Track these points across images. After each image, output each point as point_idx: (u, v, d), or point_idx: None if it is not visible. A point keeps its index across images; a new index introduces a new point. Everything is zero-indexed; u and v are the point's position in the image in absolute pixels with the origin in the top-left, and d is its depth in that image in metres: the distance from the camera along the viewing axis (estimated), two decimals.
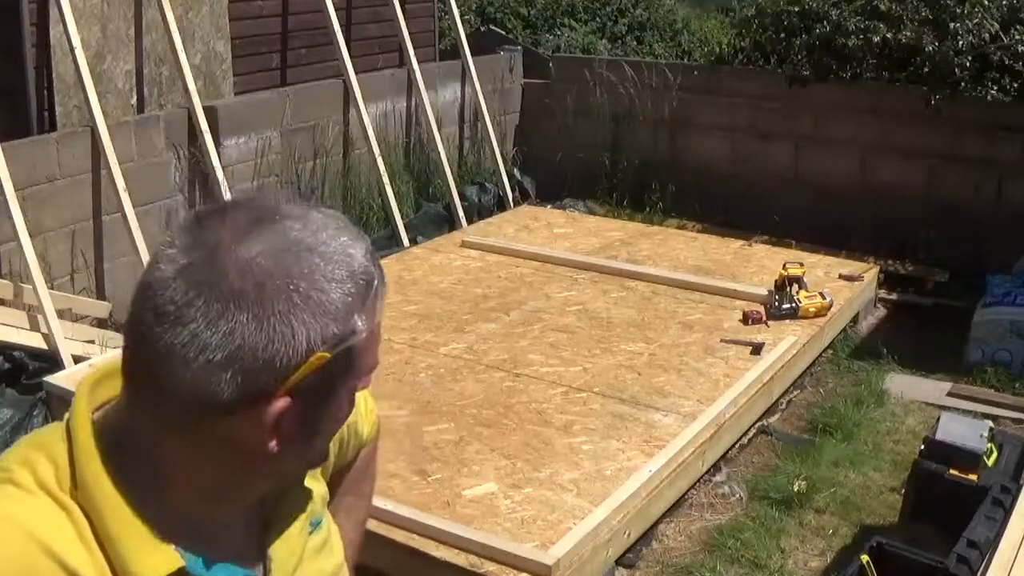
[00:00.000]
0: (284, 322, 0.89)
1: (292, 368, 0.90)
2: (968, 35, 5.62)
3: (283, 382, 0.90)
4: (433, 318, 4.67)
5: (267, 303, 0.88)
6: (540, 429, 3.68)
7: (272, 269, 0.90)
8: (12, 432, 3.76)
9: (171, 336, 0.88)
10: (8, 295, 4.41)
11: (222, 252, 0.90)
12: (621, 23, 9.00)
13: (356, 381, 0.98)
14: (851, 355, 4.93)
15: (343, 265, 0.93)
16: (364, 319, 0.94)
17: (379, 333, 0.99)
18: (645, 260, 5.50)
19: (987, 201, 5.90)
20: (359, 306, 0.94)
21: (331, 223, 0.96)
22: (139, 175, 5.02)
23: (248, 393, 0.89)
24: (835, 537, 3.54)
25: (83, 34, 4.85)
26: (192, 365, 0.88)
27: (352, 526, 1.39)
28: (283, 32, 6.21)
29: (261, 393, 0.90)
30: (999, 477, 3.12)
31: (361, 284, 0.94)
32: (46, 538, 0.90)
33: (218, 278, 0.89)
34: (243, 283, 0.88)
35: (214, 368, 0.88)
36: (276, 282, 0.89)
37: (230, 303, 0.88)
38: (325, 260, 0.92)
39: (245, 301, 0.88)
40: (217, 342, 0.87)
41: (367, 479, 1.46)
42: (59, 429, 0.98)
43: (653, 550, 3.45)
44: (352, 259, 0.94)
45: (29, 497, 0.93)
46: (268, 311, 0.88)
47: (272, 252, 0.91)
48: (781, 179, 6.53)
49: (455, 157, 7.05)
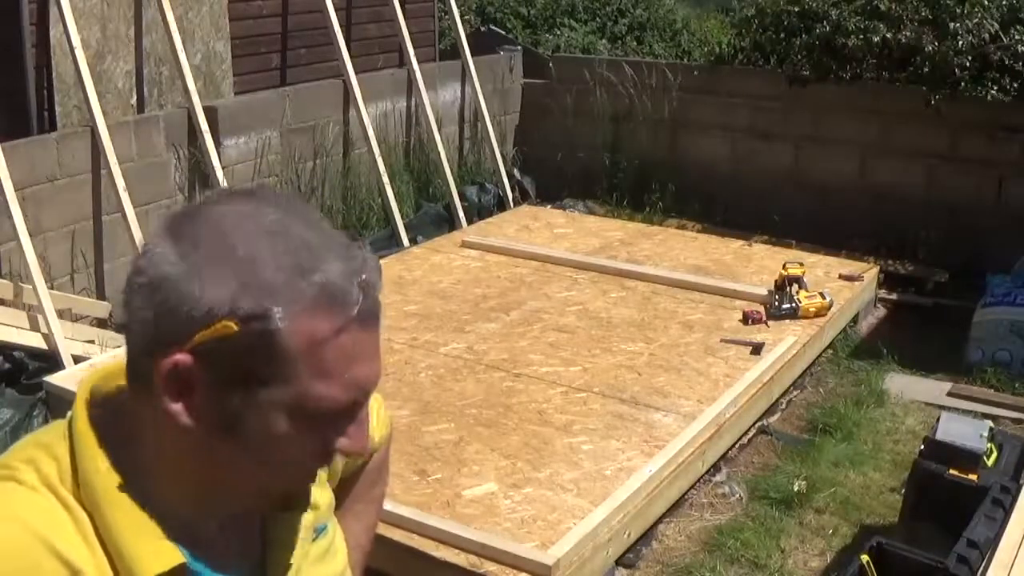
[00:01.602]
0: (202, 272, 0.89)
1: (195, 325, 0.88)
2: (968, 35, 5.62)
3: (184, 336, 0.89)
4: (433, 318, 4.67)
5: (198, 250, 0.90)
6: (540, 429, 3.68)
7: (223, 227, 0.91)
8: (12, 432, 3.75)
9: (144, 280, 0.91)
10: (8, 295, 4.41)
11: (204, 204, 0.95)
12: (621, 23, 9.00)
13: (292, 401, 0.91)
14: (851, 355, 4.93)
15: (301, 265, 0.90)
16: (295, 319, 0.89)
17: (345, 371, 0.92)
18: (645, 260, 5.50)
19: (987, 201, 5.90)
20: (297, 307, 0.89)
21: (330, 238, 0.94)
22: (139, 175, 5.02)
23: (160, 334, 0.90)
24: (835, 537, 3.54)
25: (83, 34, 4.85)
26: (127, 288, 0.92)
27: (361, 531, 1.38)
28: (283, 32, 6.21)
29: (169, 342, 0.89)
30: (999, 477, 3.12)
31: (318, 293, 0.90)
32: (49, 536, 0.90)
33: (183, 219, 0.94)
34: (193, 227, 0.92)
35: (138, 292, 0.91)
36: (218, 237, 0.91)
37: (170, 237, 0.91)
38: (283, 247, 0.90)
39: (182, 240, 0.91)
40: (145, 267, 0.91)
41: (378, 485, 1.44)
42: (61, 427, 0.99)
43: (653, 550, 3.45)
44: (317, 266, 0.90)
45: (32, 495, 0.93)
46: (193, 256, 0.89)
47: (236, 215, 0.93)
48: (781, 179, 6.53)
49: (455, 157, 7.05)
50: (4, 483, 0.94)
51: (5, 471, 0.95)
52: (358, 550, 1.34)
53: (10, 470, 0.95)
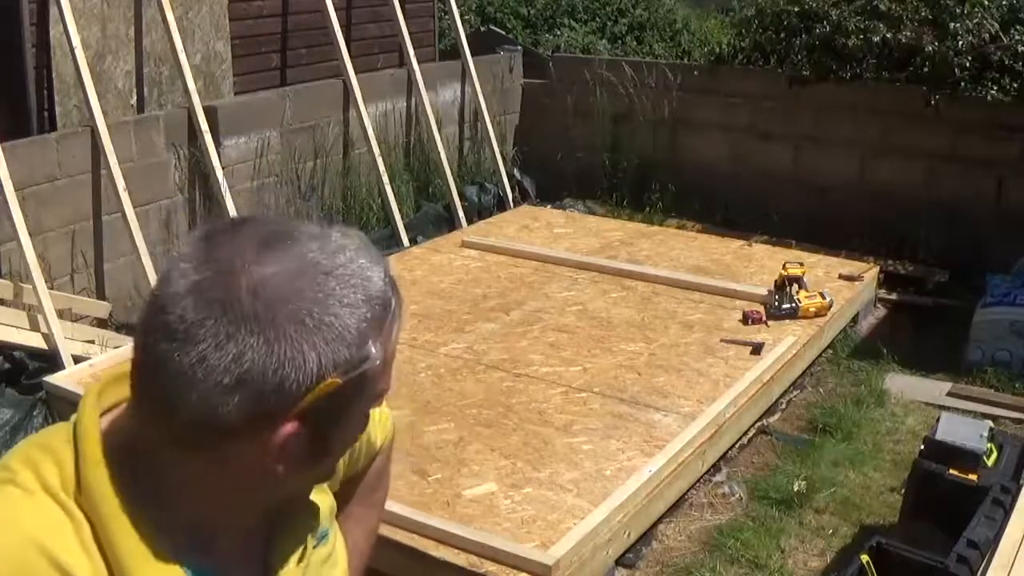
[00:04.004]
0: (295, 347, 0.87)
1: (302, 393, 0.88)
2: (968, 35, 5.62)
3: (292, 407, 0.88)
4: (433, 318, 4.67)
5: (279, 327, 0.86)
6: (540, 429, 3.68)
7: (286, 292, 0.88)
8: (12, 432, 3.76)
9: (180, 356, 0.86)
10: (8, 295, 4.41)
11: (236, 271, 0.87)
12: (621, 23, 8.99)
13: (368, 405, 0.97)
14: (851, 355, 4.93)
15: (359, 289, 0.91)
16: (379, 345, 0.93)
17: (393, 357, 0.98)
18: (645, 260, 5.50)
19: (987, 201, 5.89)
20: (375, 332, 0.92)
21: (349, 244, 0.94)
22: (139, 175, 5.02)
23: (255, 417, 0.88)
24: (835, 537, 3.54)
25: (83, 34, 4.85)
26: (199, 387, 0.86)
27: (362, 534, 1.38)
28: (283, 32, 6.21)
29: (269, 417, 0.88)
30: (999, 477, 3.12)
31: (377, 309, 0.92)
32: (46, 541, 0.89)
33: (230, 298, 0.86)
34: (255, 305, 0.86)
35: (221, 391, 0.86)
36: (289, 306, 0.87)
37: (241, 326, 0.86)
38: (341, 284, 0.90)
39: (256, 324, 0.86)
40: (225, 365, 0.85)
41: (379, 489, 1.44)
42: (65, 431, 0.97)
43: (653, 550, 3.45)
44: (370, 283, 0.93)
45: (31, 499, 0.92)
46: (279, 335, 0.86)
47: (287, 274, 0.89)
48: (781, 179, 6.52)
49: (455, 157, 7.05)
50: (2, 487, 0.93)
51: (4, 474, 0.94)
52: (358, 554, 1.34)
53: (10, 473, 0.93)
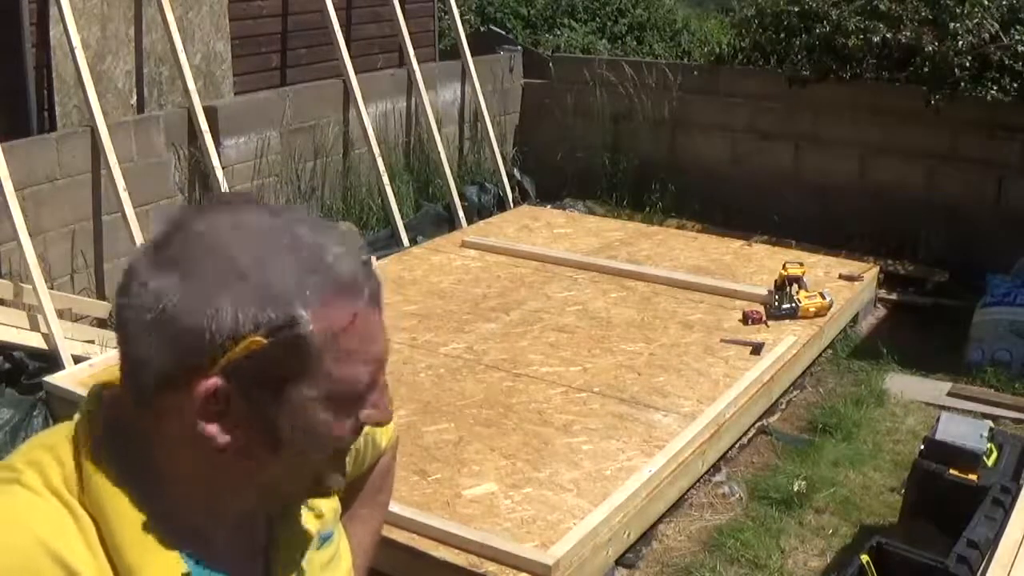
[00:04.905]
0: (213, 294, 0.88)
1: (217, 344, 0.88)
2: (968, 35, 5.62)
3: (212, 360, 0.88)
4: (433, 318, 4.67)
5: (200, 273, 0.89)
6: (540, 429, 3.68)
7: (217, 242, 0.90)
8: (12, 432, 3.75)
9: (122, 301, 0.91)
10: (8, 295, 4.41)
11: (182, 223, 0.93)
12: (621, 23, 8.99)
13: (324, 391, 0.93)
14: (851, 355, 4.93)
15: (307, 261, 0.91)
16: (317, 315, 0.90)
17: (379, 369, 0.96)
18: (645, 260, 5.50)
19: (987, 201, 5.89)
20: (314, 303, 0.90)
21: (321, 226, 0.95)
22: (139, 175, 5.02)
23: (180, 364, 0.89)
24: (835, 537, 3.54)
25: (83, 34, 4.85)
26: (131, 327, 0.90)
27: (366, 534, 1.38)
28: (283, 32, 6.21)
29: (190, 369, 0.89)
30: (999, 477, 3.12)
31: (327, 284, 0.91)
32: (51, 541, 0.90)
33: (164, 242, 0.92)
34: (184, 248, 0.90)
35: (143, 328, 0.89)
36: (216, 254, 0.89)
37: (165, 265, 0.89)
38: (284, 251, 0.91)
39: (176, 266, 0.89)
40: (148, 303, 0.89)
41: (384, 490, 1.44)
42: (68, 430, 0.98)
43: (653, 550, 3.45)
44: (323, 258, 0.92)
45: (36, 499, 0.92)
46: (198, 279, 0.88)
47: (225, 227, 0.92)
48: (781, 179, 6.52)
49: (455, 157, 7.05)
50: (8, 486, 0.93)
51: (9, 474, 0.94)
52: (362, 555, 1.34)
53: (15, 473, 0.94)
